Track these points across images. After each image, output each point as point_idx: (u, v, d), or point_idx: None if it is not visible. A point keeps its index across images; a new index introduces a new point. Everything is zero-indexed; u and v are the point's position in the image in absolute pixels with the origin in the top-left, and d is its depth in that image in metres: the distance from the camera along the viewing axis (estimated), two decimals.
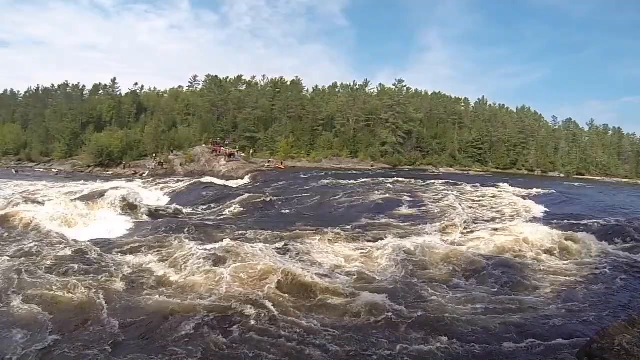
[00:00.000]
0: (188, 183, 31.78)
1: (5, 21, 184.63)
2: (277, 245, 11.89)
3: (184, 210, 20.20)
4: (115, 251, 11.13)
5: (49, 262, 9.67)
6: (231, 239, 12.01)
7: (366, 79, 71.58)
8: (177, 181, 35.21)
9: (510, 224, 15.12)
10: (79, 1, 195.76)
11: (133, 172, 49.30)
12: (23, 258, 10.11)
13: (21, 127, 67.90)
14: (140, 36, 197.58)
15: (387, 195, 22.87)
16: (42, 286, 8.27)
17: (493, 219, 17.25)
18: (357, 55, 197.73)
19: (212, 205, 21.60)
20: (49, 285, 8.28)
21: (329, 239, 12.86)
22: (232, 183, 36.53)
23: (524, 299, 8.72)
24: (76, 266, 9.46)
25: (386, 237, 13.10)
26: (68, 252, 10.58)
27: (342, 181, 31.83)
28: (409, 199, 21.95)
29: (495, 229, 14.33)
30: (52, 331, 6.62)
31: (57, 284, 8.38)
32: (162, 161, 50.97)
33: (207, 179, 35.49)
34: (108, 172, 50.44)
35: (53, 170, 55.23)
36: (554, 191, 27.25)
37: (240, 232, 13.85)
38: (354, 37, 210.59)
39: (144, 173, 48.38)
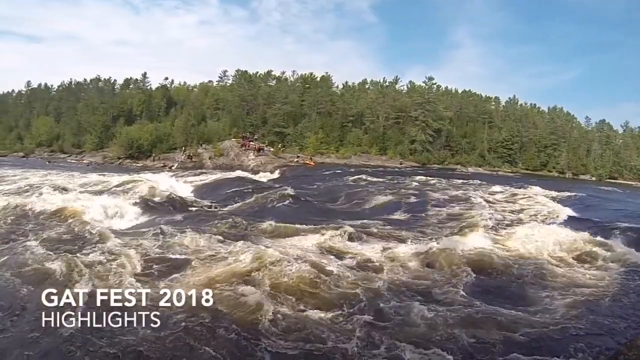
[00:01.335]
0: (215, 176, 30.87)
1: (38, 17, 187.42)
2: (265, 241, 11.46)
3: (206, 203, 19.39)
4: (116, 237, 10.93)
5: (41, 243, 10.03)
6: (221, 237, 11.42)
7: (396, 76, 68.95)
8: (205, 174, 34.33)
9: (529, 227, 13.57)
10: None
11: (162, 165, 48.33)
12: (21, 238, 10.75)
13: (54, 119, 68.31)
14: (170, 31, 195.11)
15: (398, 197, 21.03)
16: (30, 262, 8.71)
17: (512, 222, 15.48)
18: (386, 52, 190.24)
19: (234, 199, 20.60)
20: (33, 261, 8.73)
21: (320, 238, 11.98)
22: (260, 177, 35.42)
23: (539, 310, 7.64)
24: (62, 246, 9.96)
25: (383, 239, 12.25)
26: (64, 236, 10.97)
27: (367, 178, 30.66)
28: (427, 199, 20.18)
29: (511, 233, 12.96)
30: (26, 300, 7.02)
31: (41, 260, 8.77)
32: (191, 154, 49.97)
33: (235, 173, 34.47)
34: (137, 164, 49.77)
35: (84, 161, 55.23)
36: (583, 194, 25.56)
37: (245, 227, 13.15)
38: (384, 34, 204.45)
39: (172, 166, 47.49)
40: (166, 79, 72.11)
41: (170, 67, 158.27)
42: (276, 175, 38.76)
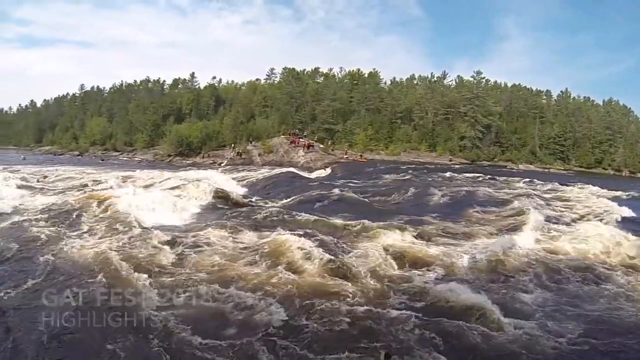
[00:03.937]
0: (266, 173, 29.60)
1: (89, 24, 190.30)
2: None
3: (255, 198, 19.13)
4: (158, 230, 10.93)
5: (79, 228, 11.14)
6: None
7: (444, 71, 63.41)
8: (255, 170, 33.14)
9: (581, 227, 12.76)
10: (157, 2, 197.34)
11: (212, 162, 46.06)
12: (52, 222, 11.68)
13: (107, 119, 67.87)
14: (215, 32, 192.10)
15: (449, 195, 19.91)
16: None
17: (563, 221, 14.61)
18: (433, 46, 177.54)
19: (284, 195, 20.23)
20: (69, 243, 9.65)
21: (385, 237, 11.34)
22: (311, 174, 33.17)
23: (579, 319, 6.73)
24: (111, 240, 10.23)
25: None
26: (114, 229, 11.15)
27: (416, 175, 30.01)
28: (476, 198, 19.17)
29: (561, 233, 12.21)
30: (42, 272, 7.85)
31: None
32: (240, 151, 47.34)
33: (285, 169, 32.35)
34: (187, 161, 47.84)
35: (136, 159, 54.36)
36: None
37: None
38: (430, 28, 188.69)
39: (222, 163, 45.06)
40: (214, 77, 69.66)
41: (217, 67, 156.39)
42: (327, 171, 36.12)
